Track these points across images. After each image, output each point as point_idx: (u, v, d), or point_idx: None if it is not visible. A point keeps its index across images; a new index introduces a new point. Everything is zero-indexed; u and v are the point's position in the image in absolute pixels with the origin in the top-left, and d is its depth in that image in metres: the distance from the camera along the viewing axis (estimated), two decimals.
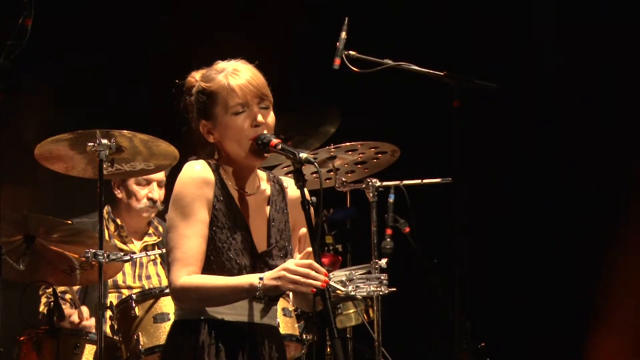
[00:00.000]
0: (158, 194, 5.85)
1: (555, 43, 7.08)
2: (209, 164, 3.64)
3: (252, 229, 3.66)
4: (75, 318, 5.35)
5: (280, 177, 3.83)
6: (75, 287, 5.56)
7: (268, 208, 3.72)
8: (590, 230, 6.89)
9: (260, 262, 3.64)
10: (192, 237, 3.55)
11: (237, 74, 3.65)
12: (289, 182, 3.80)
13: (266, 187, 3.75)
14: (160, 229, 5.93)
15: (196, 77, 3.72)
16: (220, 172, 3.65)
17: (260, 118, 3.63)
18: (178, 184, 3.60)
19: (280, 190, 3.77)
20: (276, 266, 3.59)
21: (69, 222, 5.61)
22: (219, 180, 3.63)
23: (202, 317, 3.60)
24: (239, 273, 3.57)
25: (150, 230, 5.96)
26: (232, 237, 3.61)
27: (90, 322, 5.38)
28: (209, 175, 3.61)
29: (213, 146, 3.70)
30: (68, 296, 5.57)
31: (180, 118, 3.76)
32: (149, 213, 5.86)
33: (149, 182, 5.82)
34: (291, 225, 3.76)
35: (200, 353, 3.57)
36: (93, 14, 6.74)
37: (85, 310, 5.41)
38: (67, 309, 5.38)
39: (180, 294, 3.54)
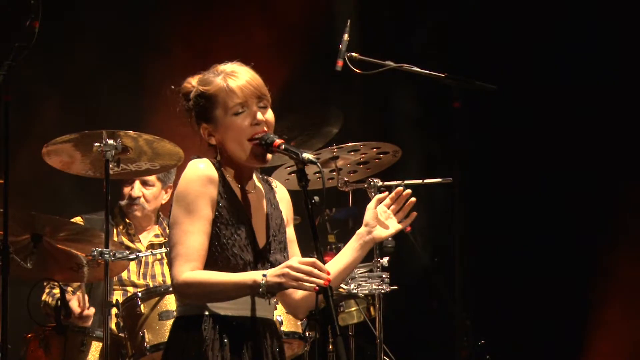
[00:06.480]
0: (140, 191, 5.87)
1: None
2: (213, 162, 3.68)
3: (254, 224, 3.70)
4: (75, 304, 5.37)
5: (267, 177, 3.88)
6: (75, 285, 5.61)
7: (265, 205, 3.77)
8: (590, 228, 6.92)
9: (261, 257, 3.68)
10: (196, 233, 3.58)
11: (235, 75, 3.68)
12: (276, 182, 3.87)
13: (260, 185, 3.80)
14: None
15: (192, 82, 3.73)
16: (222, 171, 3.69)
17: (259, 116, 3.66)
18: (182, 182, 3.63)
19: (270, 189, 3.83)
20: (275, 260, 3.65)
21: (78, 219, 5.68)
22: (222, 179, 3.66)
23: (204, 313, 3.62)
24: (244, 268, 3.61)
25: (159, 231, 6.00)
26: (237, 234, 3.64)
27: (90, 312, 5.40)
28: (213, 173, 3.64)
29: (215, 148, 3.73)
30: (70, 289, 5.61)
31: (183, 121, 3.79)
32: (133, 211, 5.89)
33: (132, 181, 5.85)
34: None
35: (203, 348, 3.59)
36: (97, 12, 6.79)
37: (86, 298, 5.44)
38: (68, 295, 5.40)
39: (183, 289, 3.57)
